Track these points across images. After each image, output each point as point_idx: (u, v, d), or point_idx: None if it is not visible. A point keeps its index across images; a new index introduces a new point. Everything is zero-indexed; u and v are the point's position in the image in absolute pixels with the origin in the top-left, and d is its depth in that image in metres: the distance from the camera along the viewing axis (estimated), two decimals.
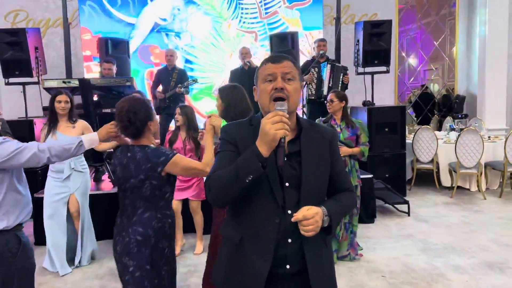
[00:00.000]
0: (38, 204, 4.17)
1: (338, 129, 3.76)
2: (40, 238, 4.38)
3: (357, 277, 3.49)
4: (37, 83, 5.73)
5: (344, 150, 3.72)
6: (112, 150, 3.86)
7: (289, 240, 1.44)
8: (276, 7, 7.28)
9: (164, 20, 7.07)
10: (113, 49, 6.20)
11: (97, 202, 4.35)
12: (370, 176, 5.02)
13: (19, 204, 2.10)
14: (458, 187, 6.10)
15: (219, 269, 1.59)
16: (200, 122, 7.13)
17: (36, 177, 5.18)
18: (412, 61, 9.05)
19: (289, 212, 1.42)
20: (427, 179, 6.54)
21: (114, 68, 5.70)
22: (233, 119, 2.59)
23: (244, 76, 5.43)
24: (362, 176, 4.93)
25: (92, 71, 7.03)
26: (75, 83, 4.57)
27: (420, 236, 4.40)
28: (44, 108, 5.15)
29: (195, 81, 5.80)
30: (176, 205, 3.96)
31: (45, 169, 5.15)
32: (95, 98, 5.24)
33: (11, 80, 5.82)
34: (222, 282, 1.55)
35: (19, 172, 2.14)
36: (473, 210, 5.25)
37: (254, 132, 1.38)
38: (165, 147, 3.84)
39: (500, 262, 3.68)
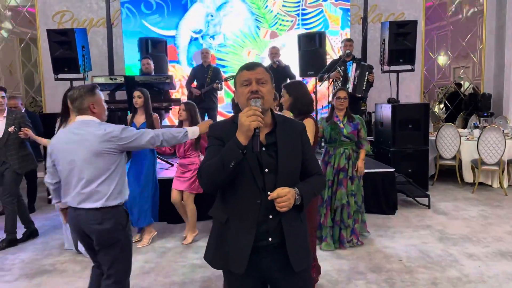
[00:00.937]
0: None
1: (341, 125, 4.02)
2: None
3: (376, 260, 3.80)
4: (83, 79, 6.24)
5: (360, 166, 4.04)
6: None
7: (270, 217, 1.70)
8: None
9: (199, 32, 7.59)
10: (152, 48, 6.67)
11: None
12: (392, 170, 5.28)
13: (126, 185, 2.52)
14: (481, 183, 6.27)
15: (209, 247, 1.85)
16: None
17: None
18: (443, 58, 9.14)
19: (268, 193, 1.66)
20: (450, 175, 6.70)
21: (152, 64, 6.17)
22: (300, 111, 3.09)
23: (273, 74, 5.76)
24: (384, 170, 5.26)
25: None
26: (120, 80, 5.02)
27: (438, 227, 4.65)
28: None
29: (233, 76, 6.18)
30: (175, 194, 4.30)
31: None
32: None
33: (60, 76, 6.37)
34: (211, 259, 1.83)
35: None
36: (492, 205, 5.43)
37: (236, 128, 1.62)
38: None
39: None
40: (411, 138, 6.07)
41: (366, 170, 4.30)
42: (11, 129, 4.19)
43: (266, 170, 1.71)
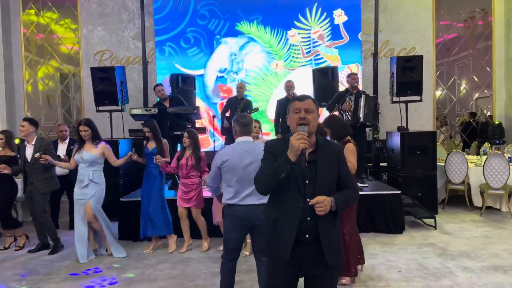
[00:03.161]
0: (123, 207, 5.33)
1: None
2: (123, 233, 5.52)
3: (377, 271, 4.21)
4: (121, 110, 7.00)
5: None
6: None
7: (308, 218, 2.14)
8: (317, 47, 8.43)
9: (224, 70, 8.50)
10: (182, 83, 7.43)
11: None
12: (399, 192, 5.70)
13: None
14: (490, 207, 6.57)
15: (264, 239, 2.37)
16: None
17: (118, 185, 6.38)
18: (463, 87, 9.47)
19: (308, 200, 2.11)
20: (461, 199, 7.00)
21: (164, 90, 6.84)
22: (341, 134, 3.84)
23: (288, 106, 6.38)
24: (391, 192, 5.69)
25: None
26: (154, 111, 5.72)
27: (441, 244, 5.01)
28: (130, 131, 6.32)
29: (256, 109, 6.78)
30: (181, 211, 4.93)
31: (125, 179, 6.34)
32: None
33: (101, 108, 7.15)
34: (265, 247, 2.30)
35: None
36: (497, 227, 5.74)
37: (286, 145, 2.10)
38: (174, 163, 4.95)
39: (506, 266, 4.24)
40: (419, 163, 6.47)
41: (374, 192, 4.71)
42: (37, 155, 4.82)
43: (307, 181, 2.16)
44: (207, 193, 5.30)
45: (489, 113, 9.19)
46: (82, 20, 8.91)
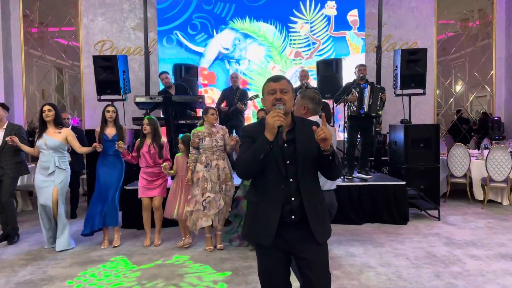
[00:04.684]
0: (128, 194, 5.28)
1: None
2: (127, 222, 5.49)
3: (386, 258, 4.21)
4: (123, 100, 6.94)
5: None
6: None
7: (292, 199, 2.08)
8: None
9: (227, 49, 8.33)
10: (185, 73, 7.38)
11: None
12: (404, 183, 5.72)
13: None
14: (491, 201, 6.61)
15: (245, 225, 2.26)
16: None
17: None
18: (460, 86, 9.56)
19: (291, 180, 2.07)
20: (462, 193, 7.05)
21: (170, 77, 6.84)
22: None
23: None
24: (395, 183, 5.69)
25: None
26: (159, 99, 5.67)
27: (446, 234, 5.03)
28: (134, 119, 6.24)
29: (256, 96, 6.74)
30: (147, 202, 4.77)
31: (126, 169, 6.27)
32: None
33: (102, 97, 7.08)
34: (246, 233, 2.24)
35: None
36: (500, 219, 5.78)
37: (263, 128, 2.00)
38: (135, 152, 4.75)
39: None
40: (422, 156, 6.48)
41: (379, 183, 4.70)
42: (7, 138, 4.73)
43: (288, 162, 2.08)
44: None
45: (483, 111, 9.26)
46: (82, 10, 8.81)
